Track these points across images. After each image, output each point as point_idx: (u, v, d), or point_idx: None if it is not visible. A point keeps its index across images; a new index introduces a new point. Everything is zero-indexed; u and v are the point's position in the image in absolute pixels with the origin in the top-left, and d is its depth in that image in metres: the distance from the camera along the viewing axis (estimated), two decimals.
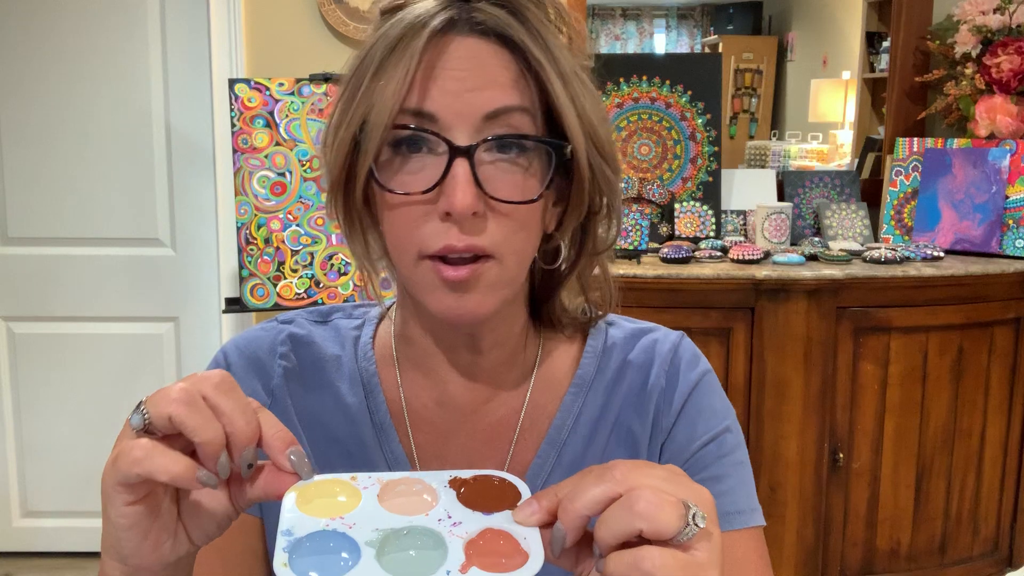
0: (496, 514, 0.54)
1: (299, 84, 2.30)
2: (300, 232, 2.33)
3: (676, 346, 0.81)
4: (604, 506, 0.51)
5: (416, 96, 0.65)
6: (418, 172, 0.66)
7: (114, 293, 2.73)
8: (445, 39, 0.66)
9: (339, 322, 0.84)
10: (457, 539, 0.52)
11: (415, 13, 0.66)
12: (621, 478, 0.51)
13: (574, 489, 0.52)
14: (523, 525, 0.53)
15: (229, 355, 0.81)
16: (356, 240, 0.73)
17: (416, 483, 0.56)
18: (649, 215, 2.47)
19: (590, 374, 0.80)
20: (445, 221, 0.65)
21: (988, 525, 2.43)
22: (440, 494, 0.55)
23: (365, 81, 0.67)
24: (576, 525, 0.52)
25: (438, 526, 0.53)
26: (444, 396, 0.78)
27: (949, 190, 2.51)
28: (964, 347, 2.31)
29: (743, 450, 0.80)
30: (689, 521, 0.49)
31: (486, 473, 0.57)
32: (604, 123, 0.70)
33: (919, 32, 2.68)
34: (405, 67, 0.64)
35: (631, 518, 0.49)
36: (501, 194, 0.66)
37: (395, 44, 0.66)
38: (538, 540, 0.53)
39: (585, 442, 0.78)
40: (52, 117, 2.64)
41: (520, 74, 0.66)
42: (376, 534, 0.52)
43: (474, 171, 0.64)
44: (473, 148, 0.65)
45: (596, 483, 0.51)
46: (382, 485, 0.56)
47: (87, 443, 2.78)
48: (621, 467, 0.52)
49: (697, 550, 0.50)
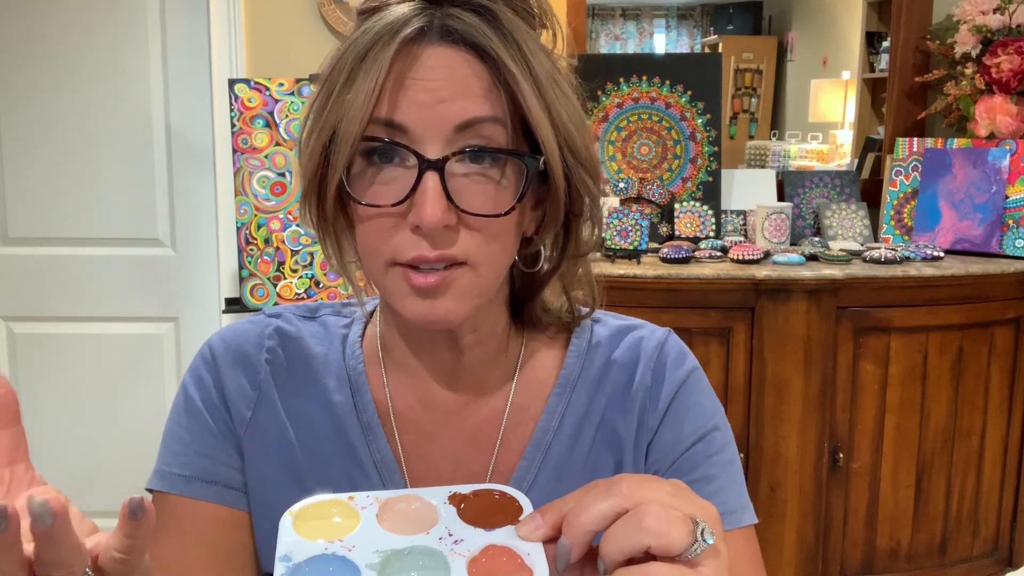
0: (498, 530, 0.53)
1: (299, 84, 2.30)
2: (300, 232, 2.33)
3: (662, 343, 0.80)
4: (610, 521, 0.50)
5: (386, 107, 0.64)
6: (389, 183, 0.65)
7: (114, 293, 2.73)
8: (417, 48, 0.65)
9: (327, 319, 0.83)
10: (459, 558, 0.51)
11: (387, 20, 0.65)
12: (628, 492, 0.50)
13: (580, 503, 0.51)
14: (527, 540, 0.52)
15: (215, 348, 0.80)
16: (329, 245, 0.73)
17: (415, 500, 0.55)
18: (649, 215, 2.47)
19: (574, 374, 0.79)
20: (415, 233, 0.65)
21: (988, 525, 2.43)
22: (440, 511, 0.54)
23: (335, 91, 0.66)
24: (582, 540, 0.51)
25: (439, 545, 0.52)
26: (427, 396, 0.78)
27: (949, 190, 2.51)
28: (964, 347, 2.31)
29: (732, 448, 0.79)
30: (698, 537, 0.49)
31: (486, 487, 0.56)
32: (581, 128, 0.69)
33: (919, 32, 2.68)
34: (375, 78, 0.63)
35: (639, 534, 0.48)
36: (472, 207, 0.65)
37: (365, 54, 0.65)
38: (542, 555, 0.52)
39: (570, 443, 0.77)
40: (52, 117, 2.64)
41: (493, 84, 0.65)
42: (377, 556, 0.51)
43: (444, 184, 0.63)
44: (443, 161, 0.64)
45: (603, 497, 0.50)
46: (380, 504, 0.54)
47: (87, 443, 2.77)
48: (628, 481, 0.51)
49: (704, 567, 0.49)
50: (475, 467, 0.77)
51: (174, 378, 2.78)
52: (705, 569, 0.49)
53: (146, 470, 0.78)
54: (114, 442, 2.78)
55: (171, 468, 0.78)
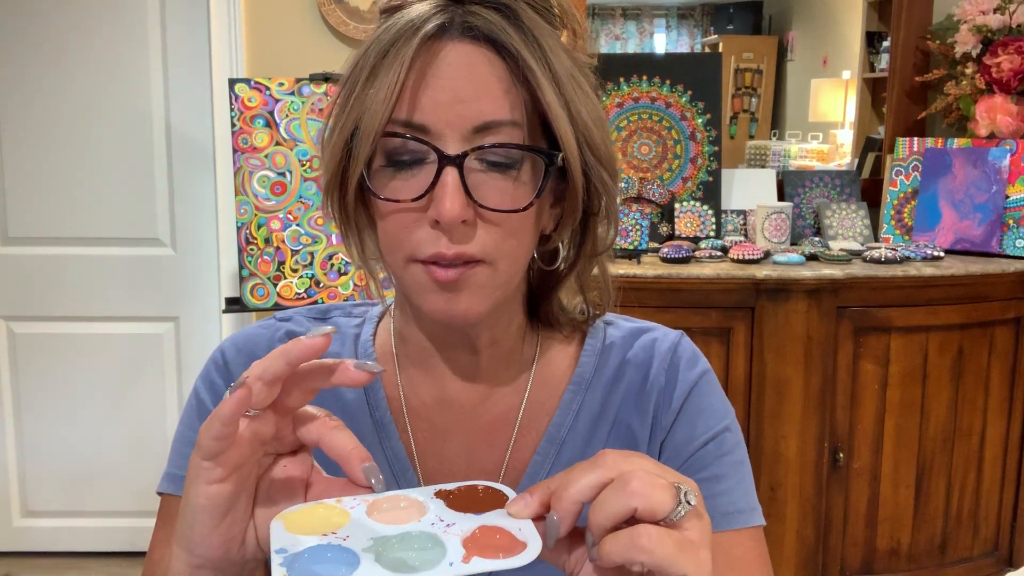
0: (488, 513, 0.55)
1: (299, 84, 2.30)
2: (300, 232, 2.33)
3: (675, 345, 0.82)
4: (597, 491, 0.52)
5: (407, 105, 0.65)
6: (409, 179, 0.66)
7: (114, 293, 2.73)
8: (437, 45, 0.65)
9: (338, 320, 0.84)
10: (454, 537, 0.53)
11: (408, 17, 0.66)
12: (612, 464, 0.52)
13: (566, 478, 0.53)
14: (517, 518, 0.54)
15: (226, 352, 0.81)
16: (351, 241, 0.74)
17: (402, 499, 0.56)
18: (649, 215, 2.47)
19: (589, 373, 0.80)
20: (435, 228, 0.65)
21: (988, 525, 2.43)
22: (428, 505, 0.56)
23: (358, 87, 0.67)
24: (571, 511, 0.53)
25: (432, 528, 0.54)
26: (443, 394, 0.78)
27: (949, 190, 2.51)
28: (964, 347, 2.31)
29: (742, 449, 0.80)
30: (681, 499, 0.51)
31: (470, 484, 0.58)
32: (601, 126, 0.70)
33: (919, 32, 2.68)
34: (396, 74, 0.64)
35: (626, 497, 0.50)
36: (490, 202, 0.66)
37: (387, 50, 0.65)
38: (533, 530, 0.54)
39: (584, 440, 0.78)
40: (52, 117, 2.64)
41: (512, 83, 0.66)
42: (372, 542, 0.52)
43: (463, 180, 0.64)
44: (462, 157, 0.64)
45: (589, 470, 0.52)
46: (368, 504, 0.56)
47: (87, 443, 2.78)
48: (611, 455, 0.53)
49: (689, 529, 0.51)
50: (489, 463, 0.77)
51: (174, 378, 2.78)
52: (689, 531, 0.51)
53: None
54: (114, 442, 2.78)
55: (183, 472, 0.77)
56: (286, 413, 0.58)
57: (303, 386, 0.57)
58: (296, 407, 0.58)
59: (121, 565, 2.76)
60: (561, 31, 0.70)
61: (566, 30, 0.71)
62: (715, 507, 0.76)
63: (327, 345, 0.56)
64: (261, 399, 0.55)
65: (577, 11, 0.73)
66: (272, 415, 0.57)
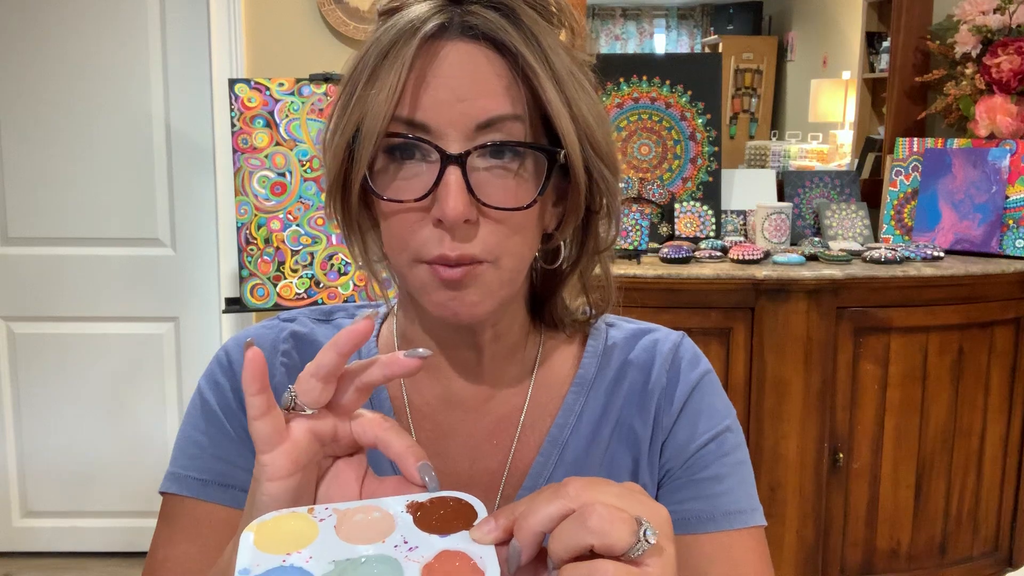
0: (452, 535, 0.55)
1: (299, 84, 2.31)
2: (300, 232, 2.33)
3: (677, 346, 0.82)
4: (557, 522, 0.51)
5: (408, 105, 0.65)
6: (412, 179, 0.66)
7: (114, 293, 2.73)
8: (437, 45, 0.66)
9: (342, 321, 0.84)
10: (414, 564, 0.53)
11: (408, 18, 0.66)
12: (575, 494, 0.52)
13: (529, 506, 0.53)
14: (480, 543, 0.54)
15: (231, 353, 0.81)
16: (355, 242, 0.74)
17: (374, 510, 0.57)
18: (649, 215, 2.47)
19: (591, 374, 0.80)
20: (438, 227, 0.66)
21: (988, 525, 2.43)
22: (397, 520, 0.56)
23: (359, 88, 0.67)
24: (531, 541, 0.52)
25: (395, 552, 0.54)
26: (446, 394, 0.78)
27: (949, 190, 2.51)
28: (964, 347, 2.31)
29: (744, 450, 0.80)
30: (640, 537, 0.50)
31: (442, 495, 0.58)
32: (602, 123, 0.70)
33: (919, 32, 2.68)
34: (397, 75, 0.64)
35: (583, 533, 0.50)
36: (494, 200, 0.66)
37: (387, 51, 0.66)
38: (494, 558, 0.53)
39: (587, 441, 0.78)
40: (52, 117, 2.64)
41: (513, 80, 0.66)
42: (332, 566, 0.53)
43: (466, 178, 0.64)
44: (465, 155, 0.65)
45: (551, 500, 0.52)
46: (339, 515, 0.56)
47: (87, 443, 2.78)
48: (575, 484, 0.52)
49: (648, 566, 0.51)
50: (492, 463, 0.77)
51: (174, 378, 2.78)
52: (649, 568, 0.51)
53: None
54: (114, 441, 2.78)
55: (187, 472, 0.78)
56: (343, 414, 0.58)
57: (357, 383, 0.58)
58: (352, 407, 0.59)
59: (121, 565, 2.76)
60: (560, 29, 0.70)
61: (565, 28, 0.71)
62: (716, 507, 0.76)
63: (371, 329, 0.57)
64: (316, 396, 0.56)
65: (575, 10, 0.73)
66: (331, 416, 0.58)
